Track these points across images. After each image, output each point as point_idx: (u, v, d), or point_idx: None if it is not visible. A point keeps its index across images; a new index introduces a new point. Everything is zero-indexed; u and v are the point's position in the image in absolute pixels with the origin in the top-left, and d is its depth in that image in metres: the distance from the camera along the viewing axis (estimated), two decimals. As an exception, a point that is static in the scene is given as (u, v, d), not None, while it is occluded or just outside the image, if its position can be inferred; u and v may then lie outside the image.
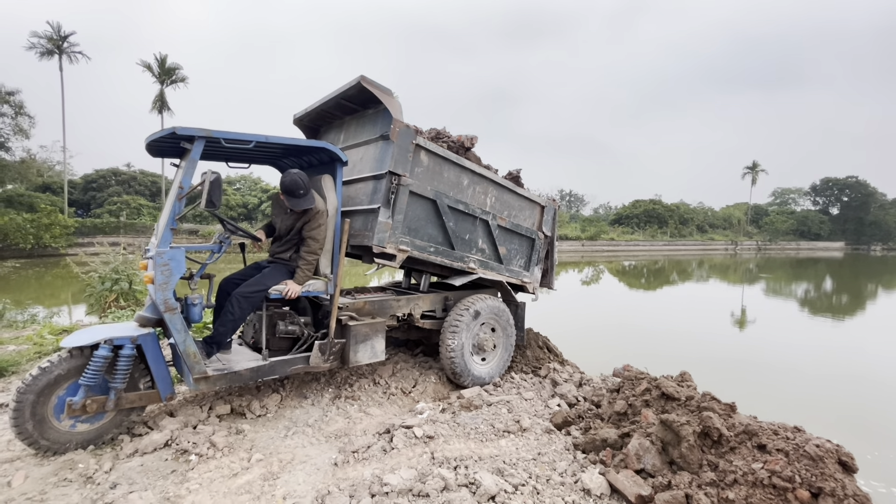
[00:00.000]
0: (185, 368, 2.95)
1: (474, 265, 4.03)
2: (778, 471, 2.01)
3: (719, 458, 2.27)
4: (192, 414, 3.21)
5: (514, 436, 3.08)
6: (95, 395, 2.76)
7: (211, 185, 2.56)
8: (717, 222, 60.82)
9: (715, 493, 2.10)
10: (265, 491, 2.43)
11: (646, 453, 2.45)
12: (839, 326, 10.38)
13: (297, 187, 3.07)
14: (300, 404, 3.52)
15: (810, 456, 2.04)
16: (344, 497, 2.31)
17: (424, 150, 3.52)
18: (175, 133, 2.67)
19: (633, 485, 2.33)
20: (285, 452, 2.82)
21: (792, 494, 1.95)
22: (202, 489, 2.42)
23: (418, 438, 2.93)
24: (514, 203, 4.40)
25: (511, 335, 4.36)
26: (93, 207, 33.12)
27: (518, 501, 2.27)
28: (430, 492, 2.31)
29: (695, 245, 50.31)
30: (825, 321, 10.94)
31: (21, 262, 21.05)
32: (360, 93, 3.48)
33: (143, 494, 2.35)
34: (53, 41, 28.60)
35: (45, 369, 2.68)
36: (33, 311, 9.07)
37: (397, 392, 3.86)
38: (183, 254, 2.78)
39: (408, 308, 4.00)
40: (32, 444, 2.65)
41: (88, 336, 2.81)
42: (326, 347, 3.37)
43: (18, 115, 26.42)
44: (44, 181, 32.67)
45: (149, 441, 2.80)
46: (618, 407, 3.04)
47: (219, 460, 2.70)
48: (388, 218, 3.35)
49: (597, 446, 2.79)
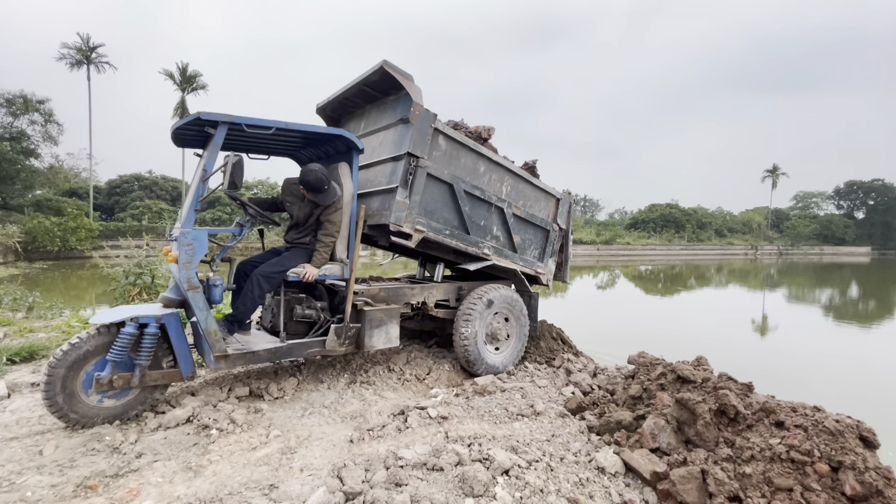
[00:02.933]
0: (205, 348, 3.04)
1: (489, 251, 4.06)
2: (796, 445, 1.99)
3: (736, 435, 2.25)
4: (212, 394, 3.30)
5: (527, 419, 3.09)
6: (121, 371, 2.87)
7: (233, 166, 2.66)
8: (736, 227, 59.59)
9: (731, 469, 2.08)
10: (283, 463, 2.49)
11: (661, 432, 2.44)
12: (869, 334, 9.92)
13: (321, 184, 3.15)
14: (317, 388, 3.58)
15: (830, 431, 2.01)
16: (359, 470, 2.35)
17: (443, 134, 3.58)
18: (200, 118, 2.78)
19: (647, 462, 2.32)
20: (302, 430, 2.88)
21: (811, 468, 1.93)
22: (222, 460, 2.49)
23: (432, 419, 2.96)
24: (529, 193, 4.42)
25: (524, 325, 4.37)
26: (116, 211, 34.14)
27: (532, 476, 2.27)
28: (444, 465, 2.33)
29: (713, 250, 49.32)
30: (854, 329, 10.46)
31: (48, 264, 21.78)
32: (382, 78, 3.56)
33: (166, 463, 2.43)
34: (82, 52, 29.73)
35: (75, 345, 2.79)
36: (61, 307, 9.37)
37: (412, 378, 3.90)
38: (206, 235, 2.87)
39: (422, 296, 4.04)
40: (62, 417, 2.76)
41: (115, 314, 2.93)
42: (342, 331, 3.43)
43: (48, 123, 27.44)
44: (70, 187, 33.81)
45: (172, 416, 2.89)
46: (633, 391, 3.02)
47: (238, 435, 2.77)
48: (405, 198, 3.41)
49: (611, 428, 2.78)
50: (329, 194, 3.19)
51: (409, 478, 2.23)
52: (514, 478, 2.25)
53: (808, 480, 1.90)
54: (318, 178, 3.09)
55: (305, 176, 3.11)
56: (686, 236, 50.46)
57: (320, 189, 3.13)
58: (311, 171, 3.10)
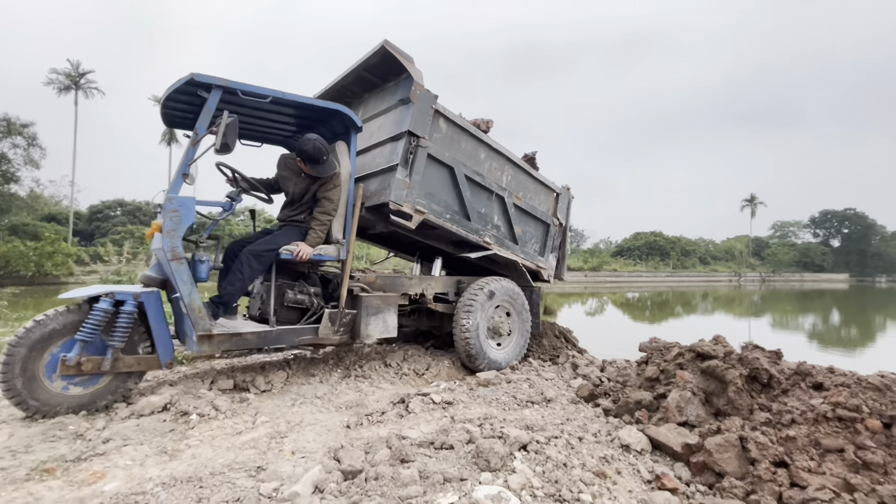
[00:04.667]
0: (187, 329, 2.78)
1: (490, 240, 3.92)
2: (842, 402, 1.82)
3: (771, 401, 2.07)
4: (192, 386, 3.00)
5: (538, 406, 2.86)
6: (91, 354, 2.58)
7: (227, 126, 2.50)
8: (718, 254, 60.75)
9: (773, 433, 1.89)
10: (272, 447, 2.21)
11: (688, 404, 2.25)
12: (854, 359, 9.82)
13: (319, 154, 2.99)
14: (308, 381, 3.30)
15: (875, 387, 1.85)
16: (358, 451, 2.09)
17: (443, 116, 3.49)
18: (193, 80, 2.64)
19: (677, 435, 2.12)
20: (293, 417, 2.61)
21: (861, 425, 1.75)
22: (203, 444, 2.21)
23: (436, 404, 2.72)
24: (529, 185, 4.33)
25: (527, 320, 4.18)
26: (97, 237, 33.26)
27: (552, 451, 2.04)
28: (455, 443, 2.09)
29: (698, 276, 49.97)
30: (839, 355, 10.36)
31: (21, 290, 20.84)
32: (383, 61, 3.48)
33: (138, 448, 2.14)
34: (71, 77, 29.73)
35: (40, 322, 2.51)
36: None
37: (410, 373, 3.64)
38: (193, 202, 2.68)
39: (420, 287, 3.85)
40: (20, 405, 2.45)
41: (89, 290, 2.67)
42: (337, 318, 3.20)
43: (31, 147, 27.02)
44: (50, 212, 33.00)
45: (146, 403, 2.59)
46: (649, 373, 2.83)
47: (221, 421, 2.48)
48: (405, 177, 3.27)
49: (630, 409, 2.57)
50: (327, 166, 3.03)
51: (415, 455, 1.98)
52: (534, 453, 2.02)
53: (860, 438, 1.73)
54: (315, 147, 2.94)
55: (303, 145, 2.95)
56: (671, 263, 51.15)
57: (318, 159, 2.97)
58: (308, 140, 2.95)
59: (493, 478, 1.82)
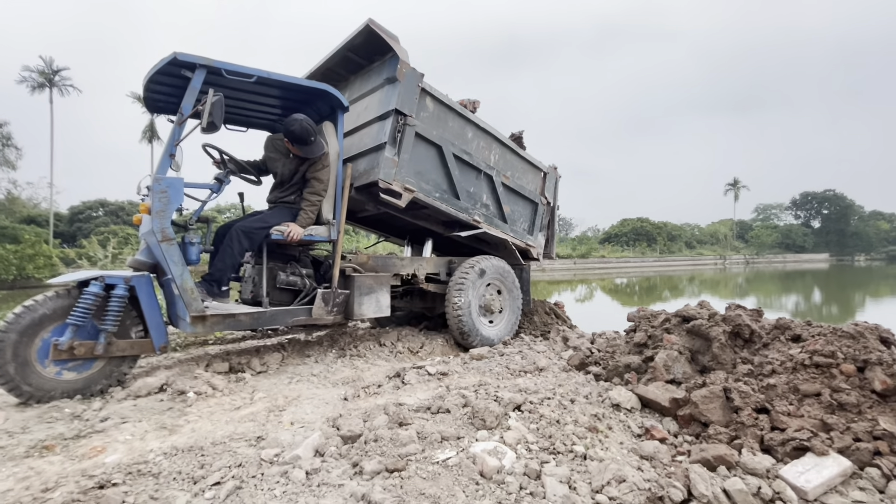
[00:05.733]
0: (179, 311, 2.77)
1: (479, 219, 3.96)
2: (819, 349, 1.91)
3: (753, 354, 2.16)
4: (188, 369, 3.01)
5: (531, 375, 2.93)
6: (83, 338, 2.57)
7: (213, 104, 2.49)
8: (704, 238, 61.70)
9: (755, 383, 1.98)
10: (270, 420, 2.25)
11: (675, 363, 2.33)
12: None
13: (307, 134, 2.99)
14: (303, 361, 3.33)
15: (850, 335, 1.94)
16: (357, 419, 2.13)
17: (430, 95, 3.50)
18: (176, 59, 2.61)
19: (664, 392, 2.20)
20: (290, 392, 2.64)
21: (836, 370, 1.84)
22: (202, 419, 2.24)
23: (431, 375, 2.78)
24: (517, 164, 4.37)
25: (517, 298, 4.24)
26: (79, 238, 32.56)
27: (546, 410, 2.11)
28: (451, 407, 2.14)
29: (684, 261, 50.73)
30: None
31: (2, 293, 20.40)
32: (367, 40, 3.47)
33: (137, 424, 2.16)
34: (45, 75, 28.87)
35: (30, 307, 2.49)
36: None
37: (404, 351, 3.69)
38: (181, 183, 2.67)
39: (412, 268, 3.88)
40: (13, 390, 2.44)
41: (79, 275, 2.66)
42: (330, 297, 3.22)
43: (5, 147, 26.27)
44: (29, 214, 32.19)
45: (142, 384, 2.60)
46: (637, 339, 2.91)
47: (219, 399, 2.51)
48: (394, 155, 3.28)
49: (619, 372, 2.65)
50: (315, 147, 3.03)
51: (413, 419, 2.03)
52: (528, 412, 2.09)
53: (835, 382, 1.82)
54: (303, 127, 2.93)
55: (290, 126, 2.94)
56: (658, 249, 51.84)
57: (306, 140, 2.96)
58: (295, 121, 2.94)
59: (489, 435, 1.88)
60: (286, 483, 1.55)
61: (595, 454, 1.77)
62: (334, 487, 1.51)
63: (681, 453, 1.85)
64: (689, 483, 1.56)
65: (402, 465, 1.64)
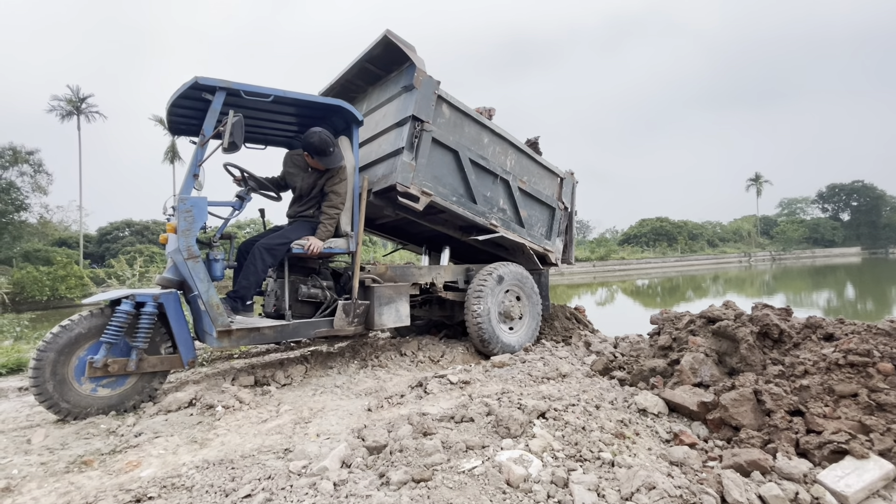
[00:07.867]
0: (206, 327, 2.85)
1: (496, 223, 3.96)
2: (853, 348, 1.84)
3: (783, 355, 2.10)
4: (215, 383, 3.08)
5: (553, 381, 2.90)
6: (117, 355, 2.67)
7: (234, 125, 2.57)
8: (726, 236, 60.19)
9: (787, 385, 1.92)
10: (297, 432, 2.28)
11: (701, 366, 2.28)
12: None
13: (326, 145, 3.06)
14: (326, 373, 3.38)
15: (885, 332, 1.88)
16: (381, 430, 2.15)
17: (447, 102, 3.56)
18: (197, 83, 2.71)
19: (692, 395, 2.15)
20: (315, 405, 2.68)
21: (873, 369, 1.78)
22: (231, 433, 2.28)
23: (454, 384, 2.78)
24: (533, 169, 4.38)
25: (537, 304, 4.22)
26: (107, 258, 33.70)
27: (571, 417, 2.08)
28: (475, 416, 2.14)
29: (707, 259, 49.52)
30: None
31: (37, 314, 21.21)
32: (385, 51, 3.54)
33: (169, 439, 2.22)
34: (73, 103, 30.18)
35: (66, 327, 2.60)
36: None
37: (425, 360, 3.70)
38: (205, 202, 2.75)
39: (430, 277, 3.90)
40: (52, 407, 2.54)
41: (110, 294, 2.76)
42: (350, 308, 3.26)
43: (37, 174, 27.48)
44: (60, 237, 33.51)
45: (172, 399, 2.67)
46: (662, 342, 2.86)
47: (246, 412, 2.56)
48: (411, 160, 3.34)
49: (644, 376, 2.60)
50: (334, 157, 3.10)
51: (437, 428, 2.03)
52: (552, 419, 2.06)
53: (872, 382, 1.75)
54: (322, 139, 3.01)
55: (309, 138, 3.03)
56: (679, 248, 50.78)
57: (325, 151, 3.04)
58: (314, 133, 3.02)
59: (515, 443, 1.87)
60: (315, 495, 1.57)
61: (623, 461, 1.74)
62: (362, 498, 1.52)
63: (712, 458, 1.81)
64: (723, 489, 1.52)
65: (428, 475, 1.64)
